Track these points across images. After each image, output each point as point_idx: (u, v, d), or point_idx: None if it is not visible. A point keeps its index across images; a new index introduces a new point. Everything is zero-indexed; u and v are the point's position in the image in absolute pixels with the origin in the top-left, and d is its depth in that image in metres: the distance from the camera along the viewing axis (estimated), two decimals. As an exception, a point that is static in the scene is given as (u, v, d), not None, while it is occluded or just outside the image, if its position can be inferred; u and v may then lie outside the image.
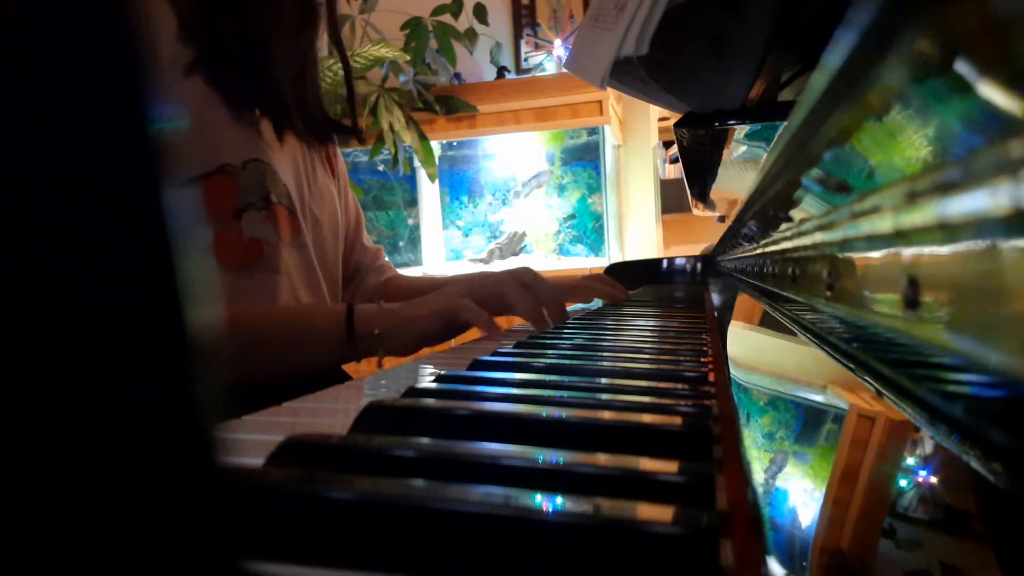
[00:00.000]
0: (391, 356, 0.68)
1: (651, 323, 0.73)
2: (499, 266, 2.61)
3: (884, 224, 0.20)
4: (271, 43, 0.76)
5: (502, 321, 0.71)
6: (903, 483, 0.19)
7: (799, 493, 0.25)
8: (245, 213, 0.73)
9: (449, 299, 0.67)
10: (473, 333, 0.70)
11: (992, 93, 0.12)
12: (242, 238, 0.73)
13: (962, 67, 0.13)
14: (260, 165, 0.74)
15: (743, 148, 0.62)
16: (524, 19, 2.67)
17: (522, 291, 0.67)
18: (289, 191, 0.78)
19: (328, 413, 0.38)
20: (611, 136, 2.55)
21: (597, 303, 1.04)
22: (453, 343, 0.73)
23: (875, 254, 0.21)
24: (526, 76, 2.60)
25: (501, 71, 2.59)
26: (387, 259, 1.05)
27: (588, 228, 2.66)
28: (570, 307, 1.03)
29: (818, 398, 0.31)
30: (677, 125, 0.60)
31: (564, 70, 2.34)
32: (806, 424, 0.30)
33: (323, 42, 0.92)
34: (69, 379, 0.10)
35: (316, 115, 0.87)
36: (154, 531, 0.10)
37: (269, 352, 0.64)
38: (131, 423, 0.10)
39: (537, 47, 2.62)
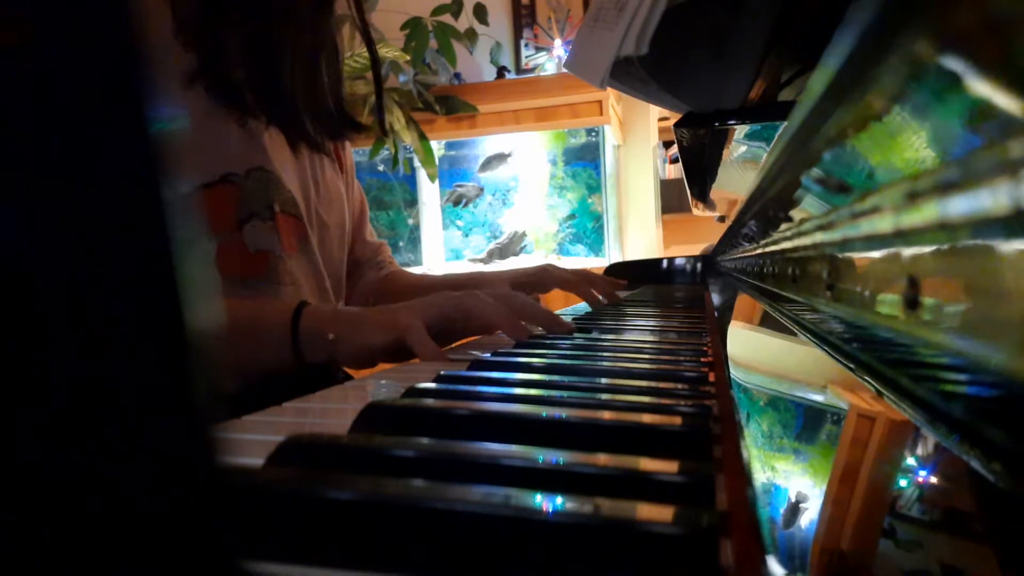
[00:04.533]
0: (344, 365, 0.62)
1: (651, 323, 0.73)
2: (499, 266, 2.61)
3: (884, 224, 0.20)
4: (282, 48, 0.72)
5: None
6: (903, 483, 0.19)
7: (799, 493, 0.25)
8: (248, 224, 0.71)
9: (404, 316, 0.60)
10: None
11: (992, 93, 0.12)
12: (245, 249, 0.71)
13: (961, 67, 0.13)
14: (264, 174, 0.72)
15: (743, 148, 0.62)
16: (524, 19, 2.67)
17: (492, 303, 0.61)
18: (295, 197, 0.76)
19: (329, 413, 0.38)
20: (611, 136, 2.55)
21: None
22: (453, 344, 0.72)
23: (875, 254, 0.21)
24: (526, 76, 2.60)
25: (501, 71, 2.59)
26: (390, 254, 1.02)
27: (588, 228, 2.66)
28: (572, 306, 1.03)
29: (818, 398, 0.31)
30: (677, 125, 0.60)
31: (564, 70, 2.34)
32: (806, 424, 0.30)
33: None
34: (71, 382, 0.10)
35: (330, 111, 0.83)
36: (154, 531, 0.10)
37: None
38: (132, 424, 0.10)
39: (537, 39, 2.62)
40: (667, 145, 2.78)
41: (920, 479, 0.18)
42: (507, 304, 0.62)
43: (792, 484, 0.25)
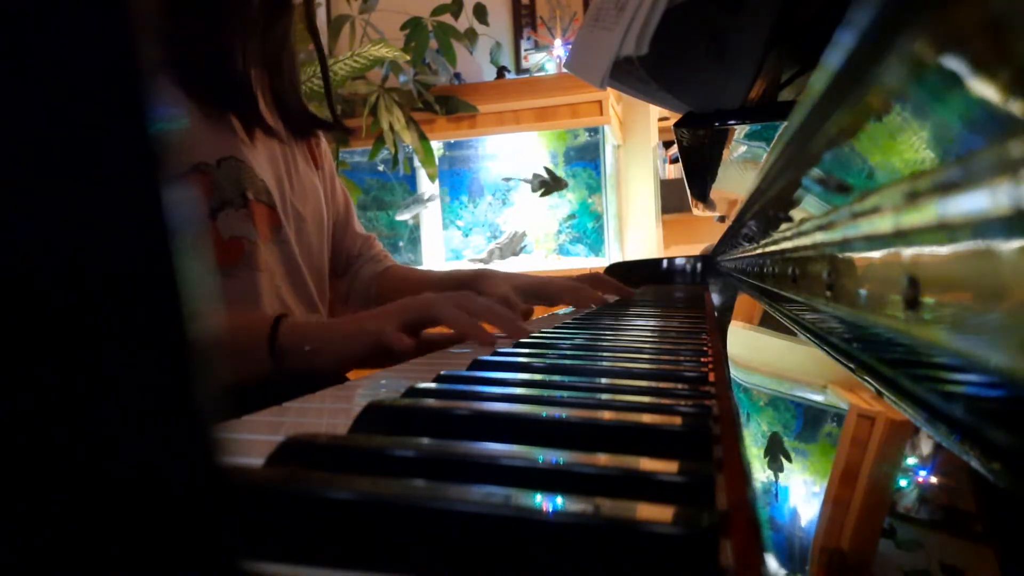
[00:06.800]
0: (321, 374, 0.62)
1: (651, 323, 0.73)
2: (499, 266, 2.61)
3: (884, 224, 0.20)
4: (237, 40, 0.75)
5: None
6: (903, 483, 0.19)
7: (799, 493, 0.25)
8: (221, 212, 0.72)
9: (372, 323, 0.62)
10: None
11: (992, 93, 0.12)
12: (220, 237, 0.72)
13: (962, 67, 0.13)
14: (235, 162, 0.74)
15: (743, 148, 0.62)
16: (524, 19, 2.67)
17: (454, 310, 0.61)
18: (268, 187, 0.77)
19: (328, 413, 0.38)
20: (611, 136, 2.55)
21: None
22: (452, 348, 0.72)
23: (875, 254, 0.21)
24: (526, 76, 2.59)
25: (501, 71, 2.59)
26: (382, 248, 1.03)
27: (588, 228, 2.66)
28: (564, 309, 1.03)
29: (818, 398, 0.31)
30: (677, 125, 0.60)
31: (564, 70, 2.34)
32: (806, 424, 0.30)
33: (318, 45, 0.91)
34: (67, 379, 0.10)
35: (293, 109, 0.86)
36: (154, 531, 0.10)
37: None
38: (129, 422, 0.10)
39: (536, 34, 2.62)
40: (667, 145, 2.78)
41: (920, 479, 0.18)
42: (468, 309, 0.63)
43: (792, 484, 0.25)
